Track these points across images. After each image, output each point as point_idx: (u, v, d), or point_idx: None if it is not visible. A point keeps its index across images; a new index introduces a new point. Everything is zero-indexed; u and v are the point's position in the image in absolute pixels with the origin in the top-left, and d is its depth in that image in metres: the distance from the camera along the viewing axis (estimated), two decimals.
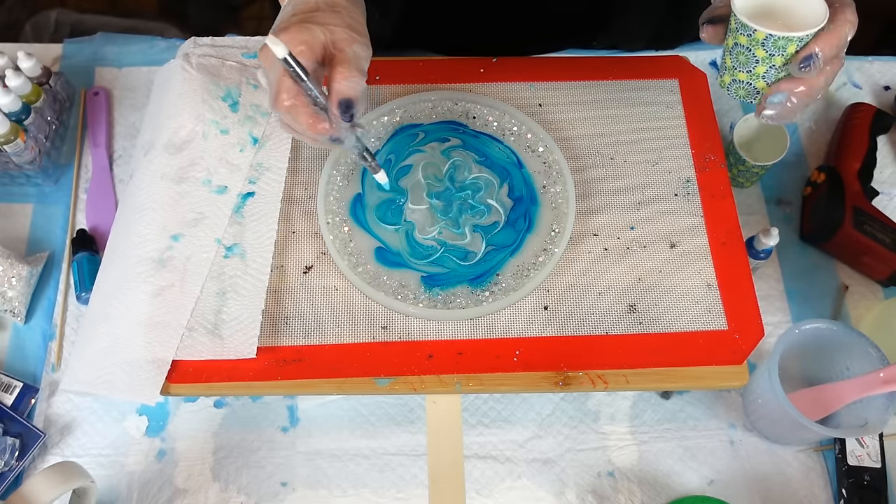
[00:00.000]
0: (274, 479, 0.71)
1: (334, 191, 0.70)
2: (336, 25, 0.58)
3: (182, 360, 0.63)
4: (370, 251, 0.67)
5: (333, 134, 0.58)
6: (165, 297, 0.64)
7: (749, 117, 0.82)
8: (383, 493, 0.71)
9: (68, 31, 1.44)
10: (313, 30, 0.57)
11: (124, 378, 0.62)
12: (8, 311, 0.76)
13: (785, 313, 0.80)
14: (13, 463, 0.70)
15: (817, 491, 0.72)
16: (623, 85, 0.77)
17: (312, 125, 0.57)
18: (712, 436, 0.74)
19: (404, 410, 0.74)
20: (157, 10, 1.69)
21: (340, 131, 0.58)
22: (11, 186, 0.84)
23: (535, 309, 0.66)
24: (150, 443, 0.73)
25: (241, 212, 0.68)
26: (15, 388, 0.73)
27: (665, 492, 0.72)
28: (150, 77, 0.91)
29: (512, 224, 0.69)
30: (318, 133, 0.58)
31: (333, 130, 0.58)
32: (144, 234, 0.67)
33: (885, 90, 0.92)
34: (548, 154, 0.72)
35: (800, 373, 0.76)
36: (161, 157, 0.70)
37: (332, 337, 0.65)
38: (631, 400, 0.75)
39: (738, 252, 0.69)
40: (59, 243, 0.81)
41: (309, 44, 0.57)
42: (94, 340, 0.64)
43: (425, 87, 0.76)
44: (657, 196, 0.71)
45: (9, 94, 0.77)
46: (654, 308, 0.66)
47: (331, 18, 0.58)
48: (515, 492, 0.71)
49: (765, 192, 0.86)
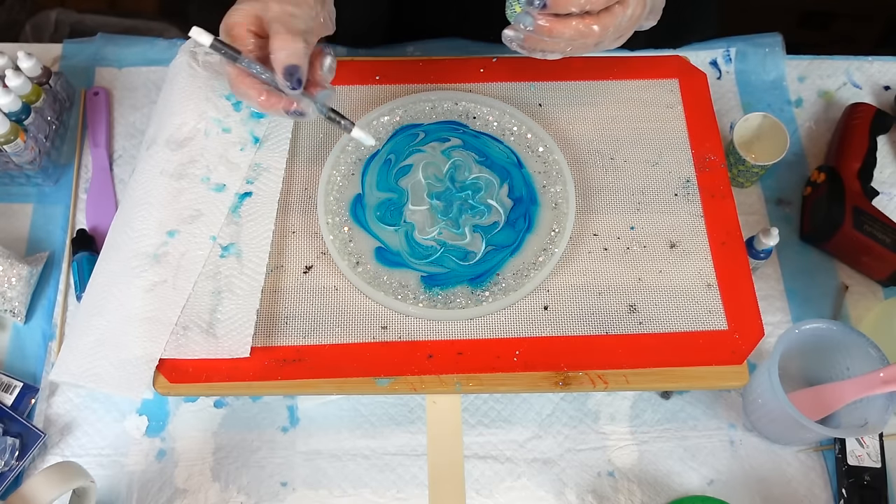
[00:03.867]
0: (274, 479, 0.71)
1: (334, 191, 0.70)
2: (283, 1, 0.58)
3: (181, 359, 0.63)
4: (370, 251, 0.67)
5: (292, 108, 0.58)
6: (157, 293, 0.64)
7: (749, 117, 0.82)
8: (383, 493, 0.71)
9: (68, 31, 1.43)
10: (246, 6, 0.58)
11: (112, 372, 0.62)
12: (8, 311, 0.76)
13: (785, 313, 0.80)
14: (13, 463, 0.70)
15: (817, 491, 0.72)
16: (623, 85, 0.77)
17: (265, 103, 0.57)
18: (712, 436, 0.74)
19: (404, 410, 0.74)
20: (157, 10, 1.69)
21: (299, 102, 0.58)
22: (11, 186, 0.84)
23: (535, 309, 0.66)
24: (150, 443, 0.73)
25: (238, 211, 0.68)
26: (15, 388, 0.73)
27: (665, 492, 0.72)
28: (150, 77, 0.91)
29: (512, 224, 0.69)
30: (272, 109, 0.57)
31: (289, 103, 0.57)
32: (140, 230, 0.67)
33: (885, 90, 0.92)
34: (548, 154, 0.72)
35: (800, 373, 0.76)
36: (162, 153, 0.70)
37: (332, 337, 0.65)
38: (631, 400, 0.75)
39: (738, 252, 0.69)
40: (59, 243, 0.81)
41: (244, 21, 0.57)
42: (86, 332, 0.64)
43: (425, 87, 0.76)
44: (657, 196, 0.71)
45: (9, 94, 0.77)
46: (654, 308, 0.66)
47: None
48: (515, 492, 0.71)
49: (765, 192, 0.86)
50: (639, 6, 0.59)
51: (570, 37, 0.57)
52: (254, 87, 0.57)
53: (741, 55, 0.93)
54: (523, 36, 0.58)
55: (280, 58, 0.56)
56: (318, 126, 0.74)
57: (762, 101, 0.91)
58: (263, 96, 0.57)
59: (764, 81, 0.92)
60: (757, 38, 0.93)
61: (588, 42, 0.58)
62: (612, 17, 0.57)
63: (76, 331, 0.65)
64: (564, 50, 0.59)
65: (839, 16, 1.66)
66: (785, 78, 0.92)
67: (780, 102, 0.91)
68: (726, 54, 0.93)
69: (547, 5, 0.55)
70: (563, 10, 0.56)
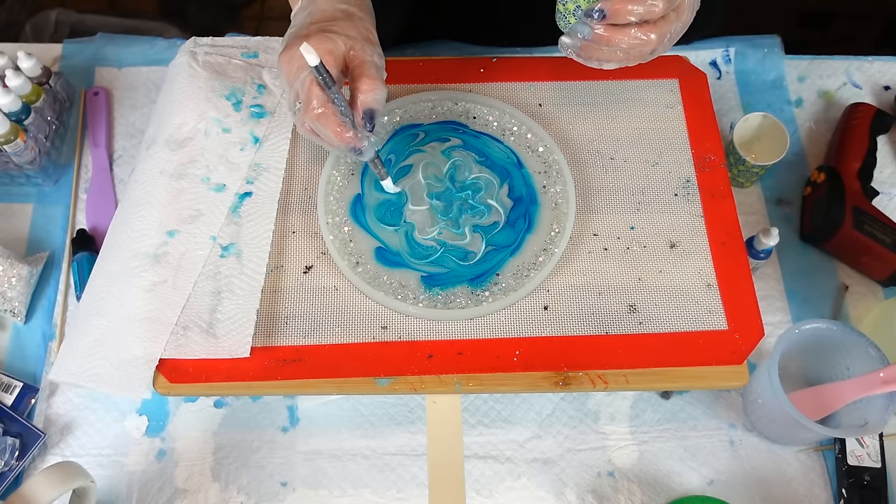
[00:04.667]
0: (274, 479, 0.71)
1: (334, 191, 0.70)
2: (354, 37, 0.59)
3: (181, 359, 0.63)
4: (370, 251, 0.67)
5: (356, 144, 0.59)
6: (157, 293, 0.64)
7: (749, 117, 0.82)
8: (383, 493, 0.71)
9: (68, 31, 1.44)
10: (335, 39, 0.58)
11: (112, 372, 0.62)
12: (8, 311, 0.76)
13: (785, 313, 0.80)
14: (13, 463, 0.70)
15: (817, 491, 0.72)
16: (623, 85, 0.77)
17: (340, 134, 0.58)
18: (712, 436, 0.74)
19: (404, 410, 0.74)
20: (157, 10, 1.69)
21: (362, 140, 0.59)
22: (11, 186, 0.84)
23: (535, 309, 0.66)
24: (150, 443, 0.73)
25: (238, 212, 0.68)
26: (15, 388, 0.73)
27: (665, 492, 0.72)
28: (150, 77, 0.91)
29: (512, 224, 0.69)
30: (345, 142, 0.59)
31: (357, 140, 0.59)
32: (140, 229, 0.67)
33: (885, 90, 0.92)
34: (548, 154, 0.72)
35: (800, 373, 0.76)
36: (162, 153, 0.70)
37: (332, 337, 0.65)
38: (631, 400, 0.75)
39: (738, 252, 0.69)
40: (59, 243, 0.81)
41: (332, 53, 0.58)
42: (86, 332, 0.64)
43: (425, 87, 0.76)
44: (657, 196, 0.71)
45: (9, 94, 0.77)
46: (654, 308, 0.66)
47: (348, 29, 0.60)
48: (515, 492, 0.71)
49: (765, 192, 0.86)
50: (690, 13, 0.59)
51: (627, 45, 0.57)
52: (335, 116, 0.58)
53: (741, 55, 0.93)
54: (580, 45, 0.58)
55: (367, 100, 0.58)
56: None
57: (762, 101, 0.91)
58: (340, 128, 0.58)
59: (764, 81, 0.92)
60: (757, 39, 0.94)
61: (644, 50, 0.58)
62: (667, 24, 0.57)
63: (76, 331, 0.65)
64: (621, 59, 0.59)
65: (839, 16, 1.66)
66: (785, 78, 0.92)
67: (780, 102, 0.91)
68: (726, 54, 0.93)
69: (606, 16, 0.55)
70: (621, 21, 0.56)
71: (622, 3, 0.55)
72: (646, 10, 0.55)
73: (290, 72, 0.59)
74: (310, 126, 0.59)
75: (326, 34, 0.58)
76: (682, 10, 0.58)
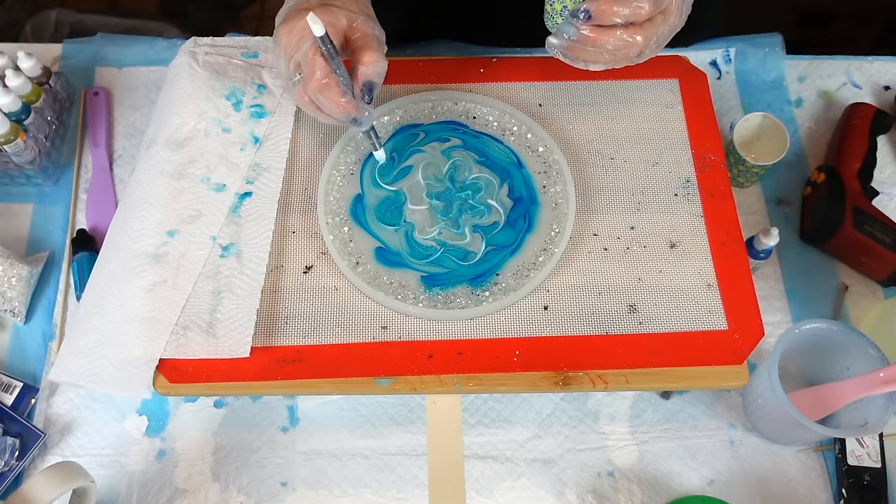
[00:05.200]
0: (274, 479, 0.71)
1: (334, 191, 0.70)
2: (355, 11, 0.60)
3: (181, 359, 0.63)
4: (370, 251, 0.67)
5: (357, 115, 0.60)
6: (157, 293, 0.64)
7: (749, 117, 0.82)
8: (383, 493, 0.71)
9: (68, 31, 1.44)
10: (336, 13, 0.59)
11: (112, 372, 0.62)
12: (8, 311, 0.76)
13: (785, 313, 0.80)
14: (13, 463, 0.70)
15: (817, 491, 0.72)
16: (623, 85, 0.77)
17: (342, 105, 0.59)
18: (712, 436, 0.74)
19: (404, 410, 0.74)
20: (157, 10, 1.69)
21: (361, 112, 0.60)
22: (11, 186, 0.84)
23: (535, 309, 0.66)
24: (150, 443, 0.73)
25: (238, 212, 0.68)
26: (15, 388, 0.73)
27: (665, 492, 0.72)
28: (150, 77, 0.91)
29: (512, 224, 0.69)
30: (346, 112, 0.59)
31: (356, 111, 0.60)
32: (140, 230, 0.67)
33: (885, 90, 0.92)
34: (548, 154, 0.72)
35: (800, 373, 0.76)
36: (162, 153, 0.70)
37: (332, 337, 0.65)
38: (631, 400, 0.75)
39: (738, 252, 0.69)
40: (59, 243, 0.81)
41: (334, 26, 0.59)
42: (86, 332, 0.64)
43: (425, 87, 0.76)
44: (657, 196, 0.71)
45: (9, 94, 0.77)
46: (654, 308, 0.66)
47: (349, 3, 0.61)
48: (515, 492, 0.71)
49: (765, 192, 0.86)
50: (678, 16, 0.59)
51: (613, 47, 0.57)
52: (339, 87, 0.58)
53: (741, 55, 0.93)
54: (566, 45, 0.59)
55: (368, 72, 0.59)
56: (319, 126, 0.74)
57: (762, 101, 0.91)
58: (344, 99, 0.59)
59: (764, 81, 0.92)
60: (757, 39, 0.93)
61: (630, 52, 0.58)
62: (654, 27, 0.57)
63: (76, 331, 0.65)
64: (607, 60, 0.59)
65: (839, 16, 1.66)
66: (785, 78, 0.92)
67: (780, 102, 0.91)
68: (726, 54, 0.93)
69: (592, 17, 0.55)
70: (607, 22, 0.56)
71: (608, 4, 0.55)
72: (632, 11, 0.55)
73: (290, 43, 0.59)
74: (310, 97, 0.60)
75: (328, 7, 0.59)
76: (669, 12, 0.58)
